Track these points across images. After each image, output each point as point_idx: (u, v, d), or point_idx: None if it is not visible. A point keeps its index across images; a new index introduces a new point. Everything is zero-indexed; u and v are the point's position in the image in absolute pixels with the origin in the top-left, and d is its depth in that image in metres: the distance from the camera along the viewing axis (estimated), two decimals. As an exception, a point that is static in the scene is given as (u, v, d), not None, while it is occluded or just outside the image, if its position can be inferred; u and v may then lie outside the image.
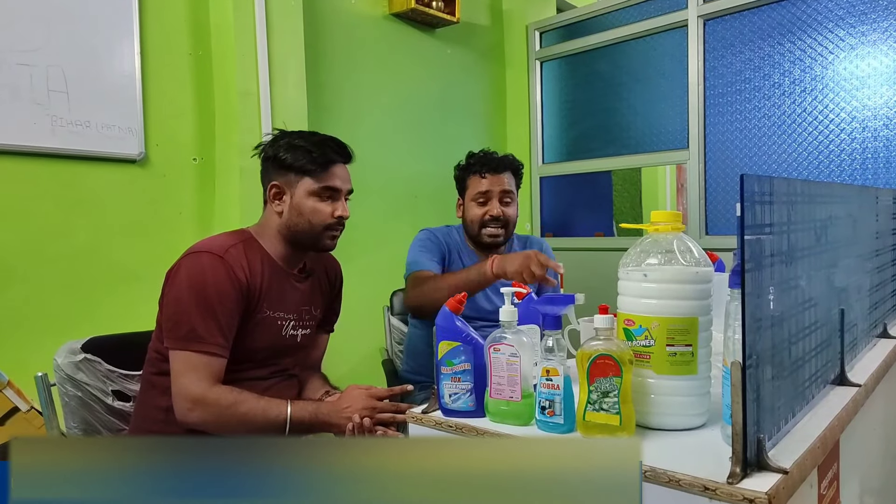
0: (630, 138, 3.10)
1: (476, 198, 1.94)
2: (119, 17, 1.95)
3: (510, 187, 1.95)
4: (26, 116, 1.76)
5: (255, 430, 1.24)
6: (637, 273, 1.01)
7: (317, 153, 1.39)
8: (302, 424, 1.27)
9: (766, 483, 0.77)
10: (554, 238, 3.33)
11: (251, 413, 1.25)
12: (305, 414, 1.28)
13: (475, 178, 1.96)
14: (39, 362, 1.43)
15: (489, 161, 1.95)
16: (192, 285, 1.28)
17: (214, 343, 1.26)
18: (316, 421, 1.30)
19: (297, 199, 1.40)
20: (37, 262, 1.81)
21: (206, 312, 1.26)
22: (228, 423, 1.23)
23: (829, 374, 1.18)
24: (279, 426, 1.25)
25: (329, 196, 1.41)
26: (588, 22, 3.21)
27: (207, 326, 1.25)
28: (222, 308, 1.27)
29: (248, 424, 1.24)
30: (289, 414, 1.25)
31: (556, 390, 0.99)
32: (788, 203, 0.93)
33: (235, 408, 1.24)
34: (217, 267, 1.29)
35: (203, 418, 1.24)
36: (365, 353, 2.50)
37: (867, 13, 2.39)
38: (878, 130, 2.39)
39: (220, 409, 1.24)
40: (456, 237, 2.02)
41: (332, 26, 2.56)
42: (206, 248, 1.33)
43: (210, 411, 1.23)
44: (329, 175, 1.40)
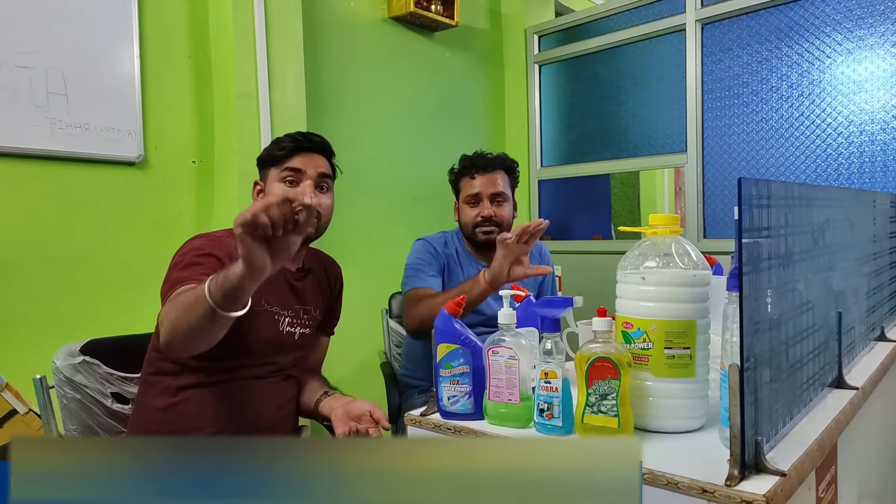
0: (628, 141, 3.11)
1: (468, 200, 1.93)
2: (118, 19, 1.96)
3: (502, 188, 1.93)
4: (25, 119, 1.76)
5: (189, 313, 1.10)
6: (635, 276, 1.02)
7: (284, 142, 1.44)
8: (216, 283, 1.07)
9: (764, 486, 0.78)
10: (552, 241, 3.33)
11: (181, 298, 1.15)
12: (219, 273, 1.09)
13: (466, 180, 1.95)
14: (38, 364, 1.42)
15: (478, 161, 1.94)
16: (182, 254, 1.31)
17: (194, 278, 1.21)
18: (225, 271, 1.08)
19: (267, 190, 1.43)
20: (36, 264, 1.81)
21: (190, 265, 1.27)
22: (170, 319, 1.14)
23: (827, 377, 1.19)
24: (201, 297, 1.08)
25: (293, 180, 1.41)
26: (587, 25, 3.22)
27: (189, 273, 1.24)
28: (205, 261, 1.28)
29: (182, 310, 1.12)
30: (206, 282, 1.10)
31: (555, 393, 0.99)
32: (786, 206, 0.93)
33: (170, 303, 1.17)
34: (207, 243, 1.33)
35: (163, 336, 1.15)
36: (363, 356, 2.50)
37: (864, 18, 2.40)
38: (875, 134, 2.39)
39: (167, 306, 1.17)
40: (453, 243, 2.00)
41: (331, 29, 2.57)
42: (203, 234, 1.40)
43: (164, 325, 1.16)
44: (292, 160, 1.42)
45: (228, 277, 1.03)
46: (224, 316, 1.06)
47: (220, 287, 1.04)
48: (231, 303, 1.06)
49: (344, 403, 1.40)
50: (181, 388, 1.34)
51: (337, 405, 1.40)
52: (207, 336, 1.12)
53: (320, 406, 1.45)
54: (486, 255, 1.96)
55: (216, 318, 1.06)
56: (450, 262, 1.95)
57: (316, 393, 1.48)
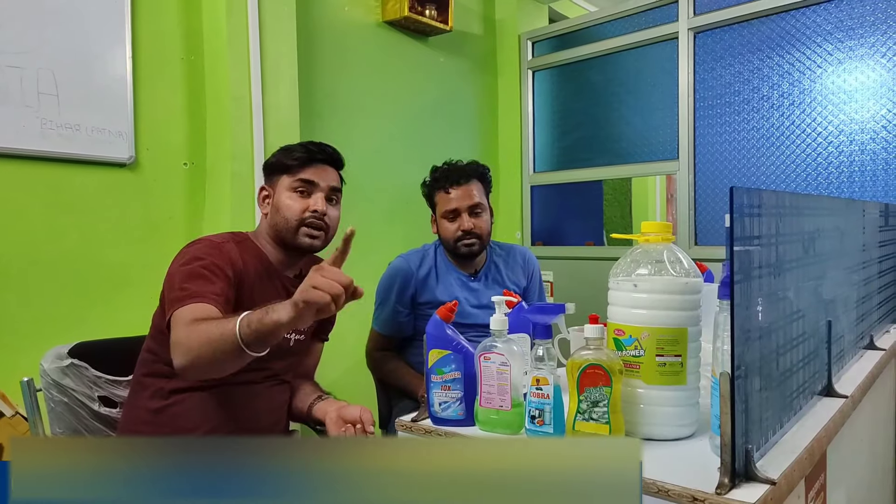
0: (621, 148, 3.12)
1: (446, 215, 1.90)
2: (111, 20, 1.95)
3: (478, 198, 1.90)
4: (16, 119, 1.75)
5: (213, 347, 1.13)
6: (627, 283, 1.02)
7: (298, 151, 1.43)
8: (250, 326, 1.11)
9: (754, 494, 0.78)
10: (544, 247, 3.34)
11: (206, 330, 1.15)
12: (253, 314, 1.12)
13: (441, 195, 1.91)
14: (26, 367, 1.41)
15: (452, 174, 1.90)
16: (189, 260, 1.30)
17: (207, 298, 1.23)
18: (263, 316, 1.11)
19: (276, 197, 1.43)
20: (25, 266, 1.79)
21: (200, 279, 1.26)
22: (192, 349, 1.14)
23: (817, 386, 1.19)
24: (230, 335, 1.11)
25: (304, 191, 1.41)
26: (580, 33, 3.24)
27: (200, 287, 1.24)
28: (216, 277, 1.28)
29: (206, 344, 1.13)
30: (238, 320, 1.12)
31: (546, 399, 0.99)
32: (777, 215, 0.94)
33: (195, 332, 1.16)
34: (210, 251, 1.32)
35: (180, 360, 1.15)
36: (355, 359, 2.49)
37: (855, 28, 2.43)
38: (865, 144, 2.41)
39: (186, 342, 1.16)
40: (432, 257, 1.98)
41: (325, 33, 2.56)
42: (204, 238, 1.39)
43: (182, 348, 1.16)
44: (305, 171, 1.42)
45: (266, 324, 1.08)
46: (250, 355, 1.12)
47: (255, 331, 1.09)
48: (262, 346, 1.11)
49: (338, 408, 1.39)
50: (174, 392, 1.33)
51: (331, 409, 1.40)
52: (230, 368, 1.17)
53: (314, 410, 1.45)
54: (466, 264, 1.97)
55: (243, 356, 1.11)
56: (426, 278, 1.93)
57: (309, 397, 1.48)
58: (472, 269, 1.98)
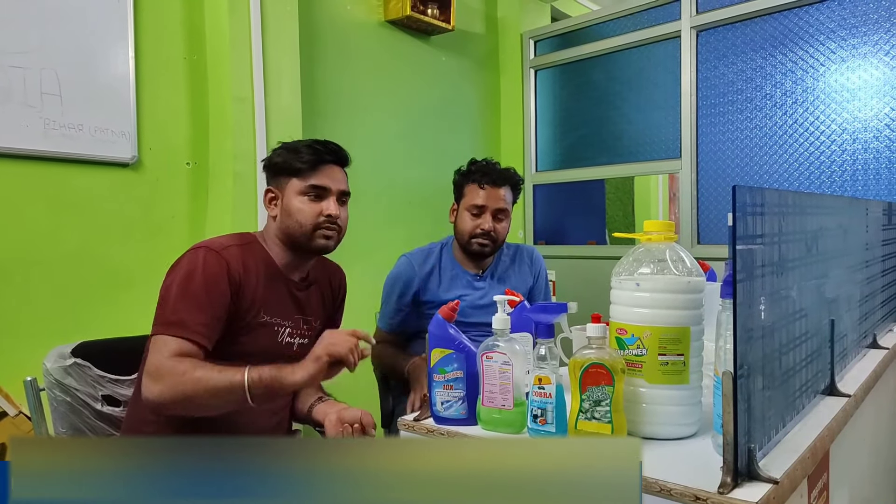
0: (623, 147, 3.12)
1: (470, 209, 1.91)
2: (113, 20, 1.95)
3: (506, 204, 1.91)
4: (18, 119, 1.75)
5: (214, 395, 1.16)
6: (630, 282, 1.02)
7: (305, 153, 1.40)
8: (262, 382, 1.17)
9: (756, 493, 0.78)
10: (547, 246, 3.34)
11: (206, 377, 1.17)
12: (265, 370, 1.19)
13: (473, 188, 1.92)
14: (29, 367, 1.41)
15: (490, 172, 1.91)
16: (184, 276, 1.28)
17: (195, 332, 1.22)
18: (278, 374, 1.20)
19: (286, 201, 1.40)
20: (28, 266, 1.80)
21: (193, 302, 1.25)
22: (185, 391, 1.16)
23: (820, 385, 1.19)
24: (238, 387, 1.16)
25: (317, 195, 1.40)
26: (582, 31, 3.23)
27: (192, 315, 1.23)
28: (209, 300, 1.26)
29: (206, 390, 1.16)
30: (246, 372, 1.17)
31: (549, 399, 0.99)
32: (780, 214, 0.94)
33: (190, 373, 1.17)
34: (211, 262, 1.30)
35: (161, 391, 1.17)
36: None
37: (858, 26, 2.42)
38: (868, 142, 2.41)
39: (175, 378, 1.17)
40: (436, 256, 1.98)
41: (327, 32, 2.56)
42: (206, 244, 1.35)
43: (166, 382, 1.17)
44: (316, 174, 1.40)
45: (282, 383, 1.19)
46: (251, 405, 1.18)
47: (267, 387, 1.17)
48: (270, 400, 1.18)
49: (338, 410, 1.39)
50: None
51: (331, 411, 1.40)
52: (221, 412, 1.23)
53: (314, 411, 1.45)
54: (474, 263, 1.97)
55: (245, 405, 1.17)
56: (429, 278, 1.93)
57: (310, 398, 1.48)
58: (478, 269, 1.99)
